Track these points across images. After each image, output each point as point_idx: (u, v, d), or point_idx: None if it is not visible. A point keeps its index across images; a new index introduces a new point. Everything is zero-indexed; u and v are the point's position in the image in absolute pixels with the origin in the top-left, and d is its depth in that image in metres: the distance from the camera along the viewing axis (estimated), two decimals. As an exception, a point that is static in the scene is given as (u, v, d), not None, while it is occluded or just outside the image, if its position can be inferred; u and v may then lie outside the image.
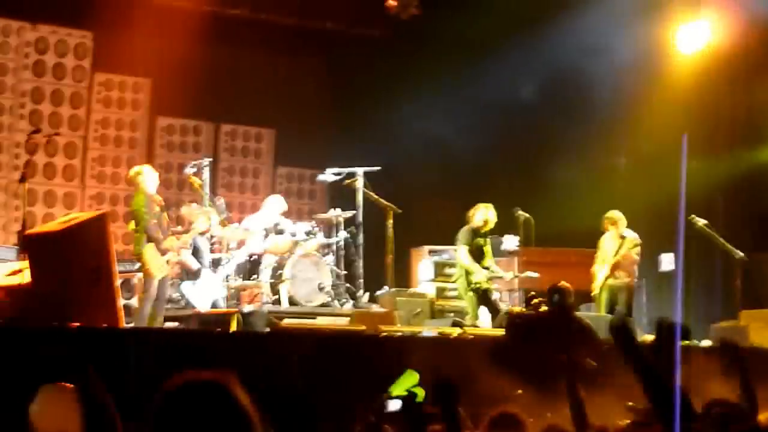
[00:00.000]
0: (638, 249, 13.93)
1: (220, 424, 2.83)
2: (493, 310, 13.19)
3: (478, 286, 13.30)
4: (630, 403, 6.16)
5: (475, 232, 13.39)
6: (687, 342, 6.60)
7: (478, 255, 13.41)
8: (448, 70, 15.88)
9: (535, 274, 13.78)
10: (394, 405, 4.40)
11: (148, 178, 12.11)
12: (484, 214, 13.35)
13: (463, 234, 13.43)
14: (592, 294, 13.81)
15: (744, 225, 15.13)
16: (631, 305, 13.88)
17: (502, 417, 4.47)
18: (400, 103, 15.51)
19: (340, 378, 9.62)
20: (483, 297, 13.33)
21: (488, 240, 13.60)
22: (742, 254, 13.95)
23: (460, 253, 13.45)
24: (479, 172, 15.54)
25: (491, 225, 13.44)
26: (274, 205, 14.23)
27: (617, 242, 13.85)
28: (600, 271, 13.86)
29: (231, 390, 2.88)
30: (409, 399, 4.42)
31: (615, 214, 13.84)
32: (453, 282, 14.14)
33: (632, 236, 13.90)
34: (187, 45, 15.11)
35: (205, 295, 13.16)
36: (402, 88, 15.54)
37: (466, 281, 13.45)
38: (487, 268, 13.43)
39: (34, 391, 5.60)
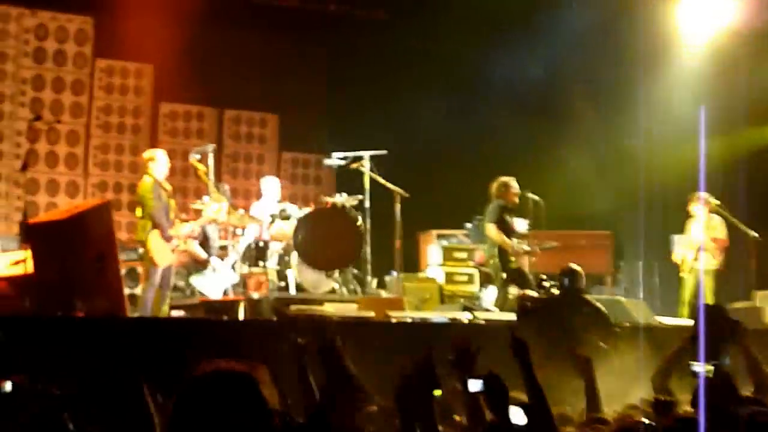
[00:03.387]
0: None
1: (241, 416, 2.88)
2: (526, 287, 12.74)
3: (513, 266, 13.00)
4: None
5: (503, 208, 13.16)
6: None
7: (507, 232, 13.10)
8: (450, 52, 15.69)
9: (555, 243, 13.68)
10: (474, 386, 4.29)
11: (160, 163, 11.98)
12: (512, 188, 13.11)
13: (490, 211, 13.16)
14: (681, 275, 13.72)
15: (761, 204, 14.91)
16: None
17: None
18: (403, 87, 15.34)
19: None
20: (519, 276, 12.97)
21: (513, 216, 13.33)
22: (756, 234, 13.78)
23: (489, 230, 13.14)
24: (486, 154, 15.37)
25: (516, 198, 13.15)
26: (271, 186, 14.14)
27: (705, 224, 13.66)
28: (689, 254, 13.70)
29: (258, 384, 2.95)
30: (491, 379, 4.33)
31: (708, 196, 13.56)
32: (486, 261, 13.76)
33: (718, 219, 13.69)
34: (190, 29, 14.93)
35: (217, 284, 13.06)
36: (405, 70, 15.40)
37: (500, 261, 13.10)
38: None
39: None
